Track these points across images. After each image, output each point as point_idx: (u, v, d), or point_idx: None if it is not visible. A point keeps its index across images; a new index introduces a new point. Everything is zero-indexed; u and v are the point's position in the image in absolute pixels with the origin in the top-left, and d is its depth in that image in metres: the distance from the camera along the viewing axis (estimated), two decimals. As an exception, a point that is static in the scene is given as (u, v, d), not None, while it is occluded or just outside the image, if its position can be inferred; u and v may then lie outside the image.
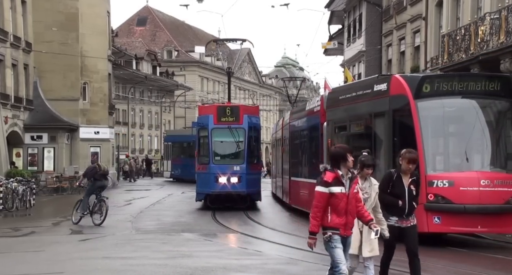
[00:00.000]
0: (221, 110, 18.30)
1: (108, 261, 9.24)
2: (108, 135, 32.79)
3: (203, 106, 20.84)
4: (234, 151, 18.29)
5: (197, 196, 18.62)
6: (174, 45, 66.81)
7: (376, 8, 27.82)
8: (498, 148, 11.01)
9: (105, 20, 32.56)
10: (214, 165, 17.81)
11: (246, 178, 17.75)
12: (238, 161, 17.97)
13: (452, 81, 11.02)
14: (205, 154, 18.18)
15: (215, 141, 18.00)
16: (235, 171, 17.70)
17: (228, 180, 17.62)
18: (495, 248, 10.71)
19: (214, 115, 18.06)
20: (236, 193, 17.69)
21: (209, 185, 17.79)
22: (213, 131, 17.97)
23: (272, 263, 9.06)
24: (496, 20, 15.81)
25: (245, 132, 18.03)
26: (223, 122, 17.98)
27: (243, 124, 18.06)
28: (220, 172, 17.66)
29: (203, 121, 18.46)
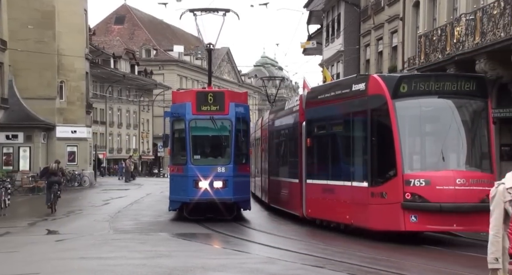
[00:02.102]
0: (201, 96, 14.47)
1: (85, 262, 9.15)
2: (85, 134, 32.46)
3: (178, 92, 16.82)
4: (218, 149, 14.78)
5: (170, 204, 14.94)
6: (152, 44, 66.41)
7: (355, 8, 28.01)
8: (473, 148, 11.17)
9: (82, 18, 32.21)
10: (193, 166, 14.18)
11: (233, 182, 14.15)
12: (223, 161, 14.40)
13: (428, 81, 11.14)
14: (180, 153, 14.62)
15: (193, 135, 14.40)
16: (220, 174, 14.10)
17: (211, 184, 14.02)
18: (470, 246, 10.86)
19: (193, 103, 14.33)
20: (220, 201, 14.04)
21: (186, 191, 14.17)
22: (192, 123, 14.38)
23: (250, 263, 9.06)
24: (471, 21, 16.04)
25: (232, 124, 14.36)
26: (204, 112, 14.32)
27: (229, 114, 14.36)
28: (201, 175, 14.01)
29: (179, 110, 14.63)
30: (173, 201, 14.89)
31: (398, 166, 10.60)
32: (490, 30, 15.08)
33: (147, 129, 63.60)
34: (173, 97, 16.00)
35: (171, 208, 15.08)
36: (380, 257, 9.46)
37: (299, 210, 14.31)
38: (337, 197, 12.39)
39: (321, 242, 11.28)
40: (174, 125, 14.91)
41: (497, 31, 14.81)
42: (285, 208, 16.11)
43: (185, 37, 76.58)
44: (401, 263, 9.10)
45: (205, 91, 15.15)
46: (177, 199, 14.70)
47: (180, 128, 14.69)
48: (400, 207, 10.47)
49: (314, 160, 13.76)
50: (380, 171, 11.09)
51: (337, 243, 11.05)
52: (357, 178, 11.69)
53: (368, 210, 11.22)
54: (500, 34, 14.68)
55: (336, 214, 12.46)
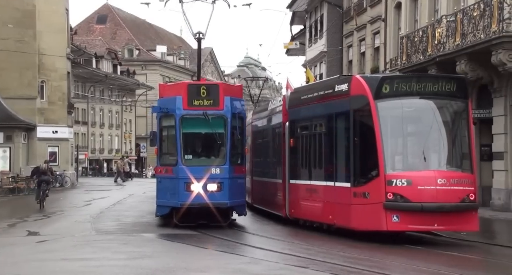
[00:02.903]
0: (193, 89, 13.11)
1: (66, 263, 9.07)
2: (66, 135, 32.19)
3: (166, 85, 14.80)
4: (211, 148, 13.33)
5: (158, 210, 13.64)
6: (135, 44, 66.08)
7: (337, 9, 28.16)
8: (454, 148, 11.29)
9: (63, 17, 31.92)
10: (184, 167, 12.86)
11: (228, 184, 12.88)
12: (218, 162, 13.03)
13: (410, 82, 11.24)
14: (170, 152, 13.35)
15: (185, 133, 13.05)
16: (214, 176, 12.81)
17: (204, 187, 12.74)
18: (451, 245, 10.98)
19: (184, 97, 13.00)
20: (215, 206, 12.81)
21: (177, 195, 12.86)
22: (183, 120, 13.01)
23: (234, 263, 9.06)
24: (452, 23, 16.22)
25: (227, 121, 13.08)
26: (196, 107, 13.00)
27: (224, 110, 13.08)
28: (193, 177, 12.75)
29: (168, 105, 13.24)
30: (161, 206, 13.43)
31: (380, 166, 10.68)
32: (471, 31, 15.27)
33: (129, 129, 63.24)
34: (161, 90, 14.15)
35: (159, 214, 13.66)
36: (363, 257, 9.52)
37: (282, 210, 14.34)
38: (320, 197, 12.44)
39: (304, 242, 11.31)
40: (162, 121, 13.48)
41: (477, 32, 15.00)
42: (269, 208, 16.13)
43: (168, 37, 76.31)
44: (383, 262, 9.16)
45: (197, 84, 13.65)
46: (165, 204, 13.27)
47: (169, 125, 13.31)
48: (382, 207, 10.55)
49: (297, 161, 13.80)
50: (362, 171, 11.16)
51: (320, 243, 11.09)
52: (340, 179, 11.75)
53: (350, 210, 11.29)
54: (480, 36, 14.87)
55: (319, 214, 12.51)
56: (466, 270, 8.61)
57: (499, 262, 9.44)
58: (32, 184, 23.96)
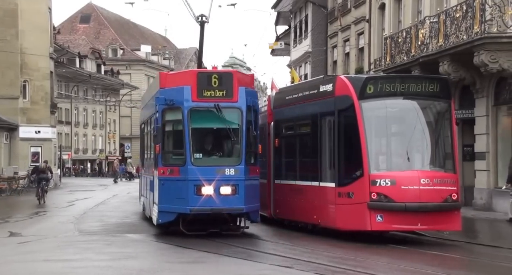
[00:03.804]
0: (204, 78, 11.54)
1: (48, 264, 8.99)
2: (50, 135, 31.91)
3: (169, 73, 12.77)
4: (224, 145, 11.79)
5: (160, 216, 11.77)
6: (119, 43, 65.71)
7: (322, 10, 28.26)
8: (437, 148, 11.38)
9: (46, 16, 31.64)
10: (194, 167, 11.30)
11: (244, 187, 11.38)
12: (232, 161, 11.52)
13: (394, 83, 11.31)
14: (175, 150, 11.79)
15: (194, 128, 11.47)
16: (228, 177, 11.28)
17: (217, 191, 11.21)
18: (434, 245, 11.07)
19: (193, 87, 11.44)
20: (229, 211, 11.41)
21: (185, 199, 11.31)
22: (192, 113, 11.45)
23: (218, 262, 9.04)
24: (435, 24, 16.36)
25: (242, 115, 11.56)
26: (207, 98, 11.44)
27: (239, 102, 11.56)
28: (204, 179, 11.21)
29: (173, 96, 11.58)
30: (165, 212, 11.64)
31: (365, 167, 10.74)
32: (453, 32, 15.41)
33: (113, 129, 62.86)
34: (162, 79, 12.10)
35: (162, 221, 11.76)
36: (347, 257, 9.56)
37: (267, 210, 14.35)
38: (305, 198, 12.47)
39: (288, 242, 11.32)
40: (165, 115, 11.75)
41: (459, 33, 15.14)
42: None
43: (153, 37, 75.98)
44: (367, 262, 9.21)
45: (208, 72, 11.92)
46: (171, 210, 11.53)
47: (175, 119, 11.69)
48: (366, 207, 10.61)
49: (282, 161, 13.82)
50: (347, 171, 11.21)
51: (304, 243, 11.11)
52: (325, 179, 11.79)
53: (335, 210, 11.33)
54: (462, 37, 15.01)
55: (304, 214, 12.54)
56: (448, 269, 8.69)
57: (481, 261, 9.54)
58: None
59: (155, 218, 12.06)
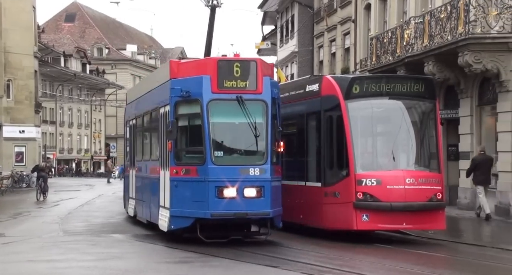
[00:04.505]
0: (225, 67, 10.41)
1: (33, 265, 8.91)
2: (34, 134, 31.65)
3: (184, 62, 11.23)
4: (248, 142, 10.52)
5: (173, 222, 10.54)
6: (104, 43, 65.33)
7: (308, 10, 28.33)
8: (422, 148, 11.46)
9: (30, 15, 31.38)
10: (215, 166, 10.18)
11: (270, 189, 10.33)
12: (257, 160, 10.38)
13: (379, 83, 11.38)
14: (191, 148, 10.67)
15: (215, 123, 10.34)
16: (253, 178, 10.20)
17: (241, 193, 10.13)
18: (419, 244, 11.14)
19: (213, 77, 10.33)
20: (254, 216, 10.31)
21: (205, 202, 10.16)
22: (212, 106, 10.30)
23: (204, 262, 9.02)
24: (420, 24, 16.46)
25: (267, 108, 10.47)
26: (228, 90, 10.34)
27: (264, 93, 10.46)
28: (226, 179, 10.13)
29: (190, 87, 10.43)
30: (179, 217, 10.45)
31: (351, 166, 10.78)
32: (438, 33, 15.52)
33: (99, 129, 62.48)
34: (173, 68, 10.81)
35: (175, 227, 10.55)
36: (333, 256, 9.59)
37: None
38: (291, 197, 12.48)
39: (275, 242, 11.32)
40: (179, 108, 10.56)
41: (444, 34, 15.26)
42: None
43: (139, 36, 75.65)
44: (353, 261, 9.25)
45: (230, 60, 10.69)
46: (186, 214, 10.35)
47: (191, 113, 10.54)
48: (352, 207, 10.65)
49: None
50: (333, 171, 11.25)
51: (291, 242, 11.12)
52: (311, 178, 11.81)
53: (321, 210, 11.36)
54: (447, 37, 15.13)
55: (290, 214, 12.55)
56: (433, 268, 8.75)
57: (465, 259, 9.62)
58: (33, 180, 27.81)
59: (165, 223, 10.68)
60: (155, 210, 11.65)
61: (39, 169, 23.27)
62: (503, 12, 14.19)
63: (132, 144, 14.92)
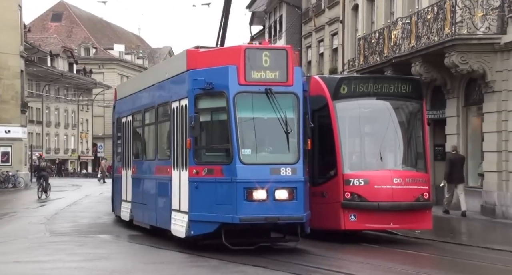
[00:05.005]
0: (254, 56, 9.46)
1: (19, 266, 8.83)
2: (20, 134, 31.41)
3: (203, 51, 10.13)
4: (278, 139, 9.59)
5: (192, 227, 9.57)
6: (92, 42, 64.98)
7: (296, 10, 28.39)
8: (409, 148, 11.53)
9: (16, 14, 31.14)
10: (244, 166, 9.22)
11: (303, 191, 9.50)
12: (289, 159, 9.47)
13: (367, 83, 11.43)
14: (217, 145, 9.65)
15: (242, 118, 9.38)
16: (285, 179, 9.32)
17: (272, 195, 9.21)
18: (406, 244, 11.19)
19: (240, 67, 9.38)
20: (286, 221, 9.41)
21: (232, 205, 9.21)
22: (239, 99, 9.36)
23: (191, 262, 9.00)
24: (407, 25, 16.57)
25: (299, 102, 9.64)
26: (256, 81, 9.43)
27: (295, 86, 9.63)
28: (256, 180, 9.21)
29: (213, 78, 9.46)
30: (200, 222, 9.49)
31: (338, 166, 10.81)
32: (425, 34, 15.62)
33: (86, 129, 62.12)
34: (191, 58, 9.89)
35: (195, 233, 9.55)
36: (321, 256, 9.61)
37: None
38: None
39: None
40: (200, 102, 9.56)
41: (431, 35, 15.36)
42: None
43: (126, 36, 75.33)
44: (340, 261, 9.28)
45: (259, 48, 9.74)
46: (210, 219, 9.38)
47: (215, 107, 9.56)
48: (340, 207, 10.68)
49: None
50: (320, 171, 11.27)
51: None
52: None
53: (309, 210, 11.36)
54: (434, 38, 15.23)
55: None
56: (420, 268, 8.81)
57: (451, 259, 9.69)
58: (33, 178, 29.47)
59: (182, 229, 9.72)
60: (164, 214, 10.53)
61: (40, 169, 24.09)
62: (488, 13, 14.32)
63: (126, 142, 13.56)
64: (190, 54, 10.01)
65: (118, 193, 14.33)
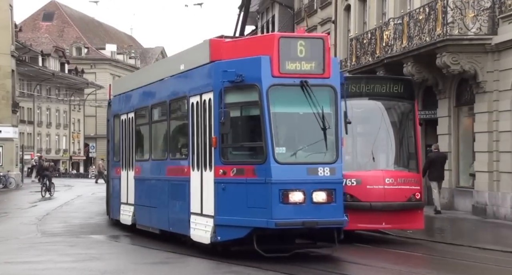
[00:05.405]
0: (288, 45, 8.70)
1: (10, 266, 8.79)
2: (11, 134, 31.27)
3: (230, 41, 9.40)
4: (315, 137, 8.85)
5: (218, 231, 8.83)
6: (83, 42, 64.75)
7: (288, 11, 28.42)
8: (401, 148, 11.57)
9: (7, 13, 31.00)
10: (279, 165, 8.50)
11: (342, 193, 8.98)
12: (327, 158, 8.81)
13: (359, 83, 11.46)
14: (249, 143, 8.91)
15: (276, 114, 8.64)
16: (323, 179, 8.64)
17: (310, 197, 8.51)
18: (398, 243, 11.23)
19: (274, 57, 8.61)
20: (326, 225, 8.70)
21: (266, 208, 8.47)
22: (272, 93, 8.60)
23: (185, 263, 8.98)
24: (399, 26, 16.63)
25: (336, 96, 8.95)
26: (291, 73, 8.68)
27: (332, 78, 8.92)
28: (292, 181, 8.53)
29: (243, 70, 8.69)
30: (229, 227, 8.73)
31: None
32: (417, 34, 15.69)
33: (78, 129, 61.90)
34: (215, 48, 9.08)
35: (222, 238, 8.80)
36: (313, 255, 9.62)
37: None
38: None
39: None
40: (229, 95, 8.73)
41: (422, 35, 15.43)
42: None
43: (118, 35, 75.13)
44: (333, 261, 9.29)
45: (294, 37, 8.97)
46: (240, 223, 8.62)
47: (245, 102, 8.80)
48: (332, 206, 10.67)
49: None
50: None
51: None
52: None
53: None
54: (425, 39, 15.30)
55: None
56: (412, 267, 8.84)
57: (443, 258, 9.73)
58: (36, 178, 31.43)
59: (206, 234, 8.92)
60: (180, 217, 9.74)
61: (43, 169, 25.26)
62: (480, 14, 14.41)
63: (127, 142, 12.48)
64: (214, 44, 9.14)
65: (115, 195, 13.27)
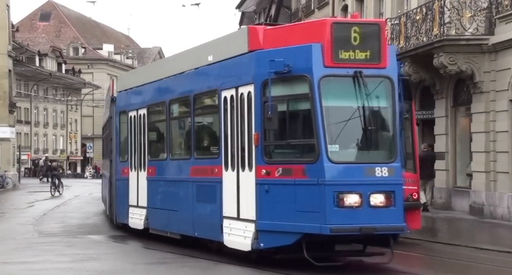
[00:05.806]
0: (341, 32, 7.80)
1: (7, 267, 8.78)
2: (8, 134, 31.24)
3: (272, 28, 8.53)
4: (371, 134, 7.97)
5: (261, 238, 7.99)
6: (80, 42, 64.70)
7: (286, 11, 28.44)
8: (399, 148, 11.55)
9: (4, 13, 30.97)
10: (332, 165, 7.61)
11: (402, 195, 8.01)
12: (384, 156, 7.94)
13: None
14: (297, 141, 7.97)
15: (329, 108, 7.75)
16: (381, 180, 7.73)
17: (367, 200, 7.63)
18: (395, 243, 11.21)
19: (327, 45, 7.73)
20: (384, 231, 7.81)
21: (319, 213, 7.60)
22: (324, 84, 7.73)
23: (181, 263, 8.98)
24: (396, 26, 16.65)
25: (393, 88, 8.06)
26: (344, 63, 7.79)
27: (389, 69, 8.08)
28: (348, 183, 7.65)
29: (291, 60, 7.81)
30: (274, 233, 7.89)
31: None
32: (414, 34, 15.71)
33: (75, 129, 61.84)
34: (254, 36, 8.25)
35: (266, 245, 7.95)
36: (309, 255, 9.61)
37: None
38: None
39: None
40: (274, 88, 7.78)
41: (420, 35, 15.45)
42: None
43: (115, 35, 75.07)
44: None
45: (348, 23, 8.30)
46: (288, 229, 7.77)
47: (293, 95, 7.93)
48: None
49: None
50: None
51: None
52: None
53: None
54: (422, 39, 15.32)
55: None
56: (409, 267, 8.85)
57: (440, 258, 9.75)
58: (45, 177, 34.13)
59: (246, 240, 8.10)
60: (210, 222, 8.96)
61: (52, 168, 27.57)
62: (477, 14, 14.44)
63: (138, 140, 11.52)
64: (253, 31, 8.26)
65: (122, 197, 12.27)
